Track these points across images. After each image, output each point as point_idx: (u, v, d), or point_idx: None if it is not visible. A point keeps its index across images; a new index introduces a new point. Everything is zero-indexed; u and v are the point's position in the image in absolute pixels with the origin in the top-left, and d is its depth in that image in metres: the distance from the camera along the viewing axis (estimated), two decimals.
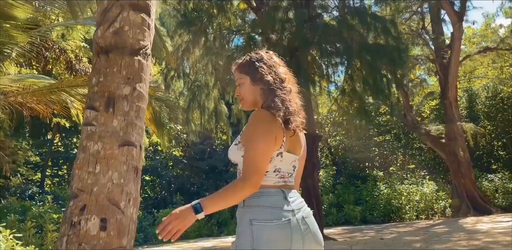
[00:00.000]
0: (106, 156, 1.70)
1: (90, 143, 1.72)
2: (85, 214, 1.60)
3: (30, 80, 8.25)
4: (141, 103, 1.86)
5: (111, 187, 1.66)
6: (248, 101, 1.71)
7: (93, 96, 1.80)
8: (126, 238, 1.65)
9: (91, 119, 1.76)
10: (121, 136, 1.75)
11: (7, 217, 11.55)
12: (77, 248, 1.54)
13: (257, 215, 1.54)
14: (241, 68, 1.72)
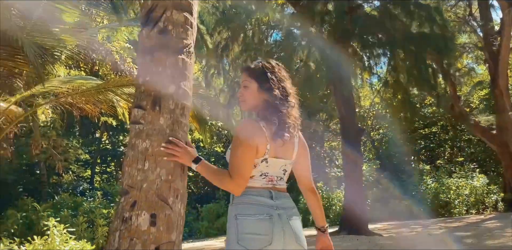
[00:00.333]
0: (154, 153, 1.74)
1: (138, 140, 1.77)
2: (136, 209, 1.64)
3: (79, 82, 8.61)
4: (185, 101, 1.89)
5: (160, 184, 1.70)
6: (248, 104, 1.85)
7: (140, 95, 1.85)
8: (175, 233, 1.69)
9: (138, 118, 1.81)
10: (168, 133, 1.78)
11: (60, 212, 12.17)
12: (129, 242, 1.59)
13: (241, 211, 1.69)
14: (252, 73, 1.84)
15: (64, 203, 13.20)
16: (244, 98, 1.84)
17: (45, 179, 15.66)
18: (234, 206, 1.73)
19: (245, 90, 1.83)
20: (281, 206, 1.76)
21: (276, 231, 1.66)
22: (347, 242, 7.57)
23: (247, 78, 1.84)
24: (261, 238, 1.64)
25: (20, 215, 11.93)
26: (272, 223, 1.66)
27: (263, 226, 1.65)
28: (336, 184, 15.50)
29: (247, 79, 1.84)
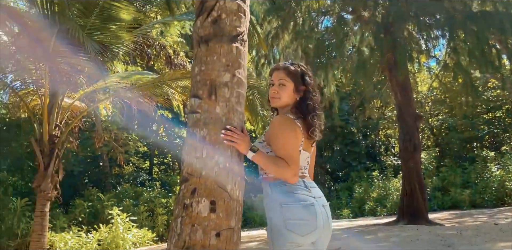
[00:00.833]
0: (211, 141, 1.77)
1: (196, 129, 1.80)
2: (196, 196, 1.68)
3: (136, 77, 8.94)
4: (240, 89, 1.89)
5: (218, 171, 1.73)
6: (282, 102, 1.98)
7: (196, 85, 1.87)
8: (234, 219, 1.71)
9: (195, 107, 1.84)
10: (224, 122, 1.80)
11: (123, 201, 12.78)
12: (191, 228, 1.63)
13: (285, 199, 1.81)
14: (289, 73, 1.99)
15: (126, 193, 13.86)
16: (280, 96, 1.97)
17: (108, 170, 16.50)
18: (276, 196, 1.84)
19: (281, 88, 1.97)
20: (317, 194, 1.92)
21: (319, 217, 1.82)
22: (406, 232, 7.36)
23: (285, 77, 1.98)
24: (308, 223, 1.78)
25: (87, 204, 12.67)
26: (315, 209, 1.82)
27: (308, 212, 1.80)
28: (392, 173, 15.07)
29: (284, 78, 1.97)
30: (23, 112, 11.38)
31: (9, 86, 8.47)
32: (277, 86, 1.98)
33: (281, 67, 2.02)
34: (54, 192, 7.62)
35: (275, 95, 1.98)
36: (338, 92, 12.81)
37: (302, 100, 1.97)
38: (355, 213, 14.29)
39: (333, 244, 6.88)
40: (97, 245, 10.51)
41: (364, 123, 17.92)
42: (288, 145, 1.84)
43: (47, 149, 7.54)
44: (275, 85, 1.99)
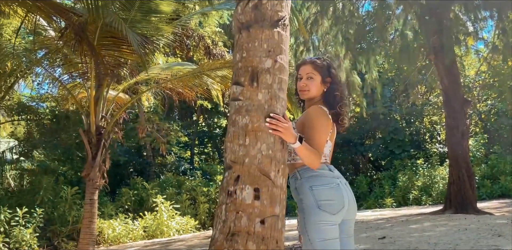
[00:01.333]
0: (254, 129, 1.75)
1: (239, 117, 1.79)
2: (240, 184, 1.68)
3: (176, 68, 9.08)
4: (282, 75, 1.86)
5: (261, 158, 1.71)
6: (311, 94, 2.11)
7: (238, 72, 1.86)
8: (278, 207, 1.70)
9: (237, 94, 1.83)
10: (266, 109, 1.78)
11: (166, 190, 13.13)
12: (235, 215, 1.64)
13: (314, 182, 1.96)
14: (316, 66, 2.12)
15: (169, 182, 14.22)
16: (309, 88, 2.10)
17: (151, 160, 16.98)
18: (305, 180, 1.98)
19: (310, 81, 2.10)
20: (339, 176, 2.08)
21: (345, 196, 1.99)
22: (453, 221, 7.14)
23: (312, 70, 2.11)
24: (337, 203, 1.96)
25: (132, 192, 13.11)
26: (340, 190, 1.99)
27: (336, 193, 1.98)
28: (438, 161, 14.60)
29: (311, 71, 2.10)
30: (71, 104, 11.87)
31: (58, 79, 8.83)
32: (306, 80, 2.11)
33: (308, 61, 2.16)
34: (102, 181, 7.93)
35: (305, 88, 2.11)
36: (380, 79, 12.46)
37: (329, 91, 2.12)
38: (399, 202, 14.00)
39: (377, 233, 6.77)
40: (143, 232, 10.88)
41: (408, 110, 17.41)
42: (321, 135, 2.00)
43: (95, 139, 7.83)
44: (304, 78, 2.12)
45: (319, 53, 10.56)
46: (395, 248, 5.30)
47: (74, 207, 10.81)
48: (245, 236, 1.58)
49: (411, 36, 9.20)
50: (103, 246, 10.15)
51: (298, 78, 2.15)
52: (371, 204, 14.73)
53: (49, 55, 8.80)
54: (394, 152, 17.23)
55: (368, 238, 6.42)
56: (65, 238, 10.32)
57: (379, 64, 16.41)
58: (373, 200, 14.98)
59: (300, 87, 2.13)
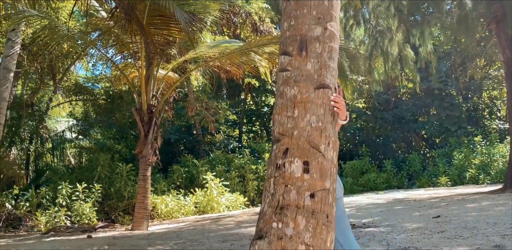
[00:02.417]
0: (303, 100, 1.68)
1: (287, 88, 1.72)
2: (288, 157, 1.63)
3: (223, 45, 9.06)
4: (333, 43, 1.76)
5: (310, 131, 1.65)
6: None
7: (286, 41, 1.78)
8: (328, 180, 1.63)
9: (285, 64, 1.76)
10: (316, 79, 1.70)
11: (216, 167, 13.39)
12: (284, 189, 1.60)
13: None
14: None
15: (218, 160, 14.48)
16: None
17: (201, 138, 17.33)
18: None
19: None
20: None
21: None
22: None
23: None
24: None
25: (183, 170, 13.50)
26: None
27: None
28: (497, 138, 13.82)
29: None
30: (123, 84, 12.25)
31: (110, 60, 9.10)
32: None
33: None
34: (154, 158, 8.20)
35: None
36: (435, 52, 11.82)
37: None
38: (454, 181, 13.49)
39: (431, 212, 6.56)
40: (194, 208, 11.22)
41: (465, 85, 16.50)
42: None
43: (146, 118, 8.07)
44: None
45: (370, 26, 10.12)
46: (451, 227, 5.11)
47: (129, 183, 11.30)
48: (294, 210, 1.54)
49: (470, 5, 8.57)
50: (156, 220, 10.58)
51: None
52: (424, 183, 14.31)
53: (102, 37, 9.06)
54: (449, 129, 16.52)
55: (422, 216, 6.24)
56: (121, 212, 10.86)
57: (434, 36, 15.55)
58: (427, 179, 14.55)
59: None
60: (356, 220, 6.41)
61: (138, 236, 6.60)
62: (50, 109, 17.72)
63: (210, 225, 7.76)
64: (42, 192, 11.72)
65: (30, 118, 14.75)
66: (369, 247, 4.37)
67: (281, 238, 1.50)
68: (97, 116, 16.65)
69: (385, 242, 4.60)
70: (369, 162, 16.47)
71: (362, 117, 19.59)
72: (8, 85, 8.85)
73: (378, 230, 5.43)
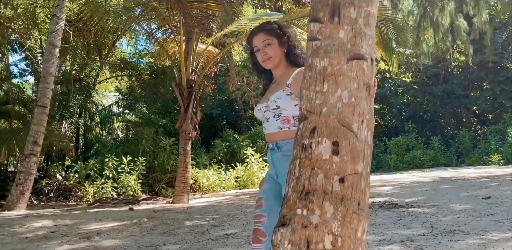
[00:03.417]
0: (333, 73, 1.49)
1: (316, 59, 1.54)
2: (316, 136, 1.46)
3: (263, 18, 8.78)
4: (370, 7, 1.54)
5: (341, 107, 1.46)
6: (275, 61, 2.03)
7: (316, 6, 1.58)
8: (361, 163, 1.46)
9: (315, 33, 1.56)
10: (349, 48, 1.49)
11: (256, 142, 13.38)
12: (310, 172, 1.44)
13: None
14: (268, 31, 2.05)
15: (259, 135, 14.43)
16: (270, 55, 2.01)
17: (243, 113, 17.33)
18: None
19: (269, 48, 2.02)
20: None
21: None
22: None
23: (267, 36, 2.03)
24: None
25: (225, 144, 13.60)
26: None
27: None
28: None
29: (267, 38, 2.02)
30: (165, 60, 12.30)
31: (152, 35, 9.09)
32: (264, 48, 2.03)
33: (257, 30, 2.07)
34: (194, 133, 8.23)
35: (266, 57, 2.03)
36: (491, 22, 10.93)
37: (290, 51, 2.06)
38: (507, 159, 12.77)
39: (480, 192, 6.22)
40: (235, 182, 11.32)
41: None
42: None
43: (186, 93, 8.05)
44: (261, 48, 2.04)
45: None
46: (503, 209, 4.79)
47: (171, 156, 11.53)
48: (321, 196, 1.39)
49: None
50: (198, 193, 10.78)
51: (256, 50, 2.08)
52: (474, 161, 13.67)
53: (144, 12, 9.05)
54: (504, 105, 15.53)
55: (470, 197, 5.91)
56: (164, 185, 11.15)
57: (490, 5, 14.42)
58: (477, 157, 13.88)
59: (261, 58, 2.05)
60: (398, 199, 6.18)
61: (178, 209, 6.72)
62: (98, 84, 18.28)
63: (249, 200, 7.77)
64: (90, 164, 12.21)
65: (78, 93, 15.26)
66: (411, 229, 4.17)
67: (305, 227, 1.36)
68: (142, 91, 17.02)
69: (429, 224, 4.37)
70: (416, 138, 15.90)
71: (409, 92, 18.81)
72: (54, 61, 9.07)
73: (422, 211, 5.19)
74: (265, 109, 2.06)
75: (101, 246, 4.12)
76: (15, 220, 6.13)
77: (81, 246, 4.19)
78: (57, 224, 5.65)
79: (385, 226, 4.41)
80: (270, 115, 2.03)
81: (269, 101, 2.02)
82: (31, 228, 5.41)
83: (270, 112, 2.03)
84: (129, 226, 5.23)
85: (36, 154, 8.49)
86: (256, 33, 2.08)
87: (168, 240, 4.13)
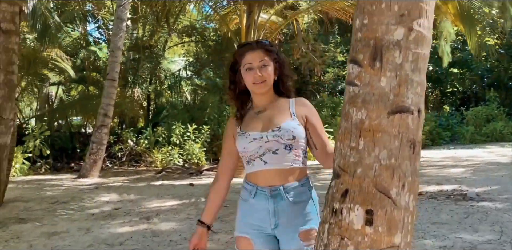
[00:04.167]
0: (371, 128, 1.29)
1: (353, 109, 1.34)
2: (347, 201, 1.30)
3: None
4: (420, 48, 1.29)
5: (378, 169, 1.28)
6: (268, 86, 1.75)
7: (357, 45, 1.35)
8: (399, 235, 1.29)
9: (353, 77, 1.35)
10: (391, 100, 1.28)
11: (322, 112, 13.09)
12: (339, 242, 1.30)
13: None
14: (268, 51, 1.75)
15: (324, 103, 14.10)
16: (265, 78, 1.72)
17: (308, 79, 16.98)
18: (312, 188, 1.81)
19: (265, 69, 1.72)
20: None
21: None
22: None
23: (265, 57, 1.73)
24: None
25: None
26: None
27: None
28: None
29: (265, 58, 1.73)
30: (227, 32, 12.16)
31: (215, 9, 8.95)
32: (261, 69, 1.71)
33: (255, 46, 1.75)
34: None
35: (261, 79, 1.71)
36: None
37: (282, 80, 1.79)
38: None
39: None
40: None
41: None
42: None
43: None
44: (256, 68, 1.71)
45: None
46: None
47: None
48: None
49: None
50: None
51: (246, 68, 1.71)
52: None
53: None
54: None
55: None
56: None
57: None
58: None
59: (254, 78, 1.70)
60: (468, 189, 5.76)
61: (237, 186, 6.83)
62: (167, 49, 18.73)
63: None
64: (159, 131, 12.77)
65: (148, 61, 15.76)
66: (477, 233, 3.86)
67: None
68: (208, 57, 17.20)
69: (499, 226, 4.01)
70: (497, 108, 14.66)
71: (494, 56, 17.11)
72: (122, 35, 9.30)
73: (494, 206, 4.79)
74: (271, 139, 1.68)
75: (158, 230, 4.32)
76: (86, 192, 6.63)
77: (139, 228, 4.42)
78: (122, 199, 6.02)
79: (449, 226, 4.14)
80: (280, 146, 1.68)
81: (281, 130, 1.68)
82: (98, 202, 5.82)
83: (280, 143, 1.68)
84: (187, 206, 5.42)
85: (107, 125, 8.99)
86: (253, 49, 1.74)
87: (221, 228, 4.21)
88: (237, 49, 1.81)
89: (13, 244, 4.02)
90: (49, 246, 3.93)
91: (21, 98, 14.72)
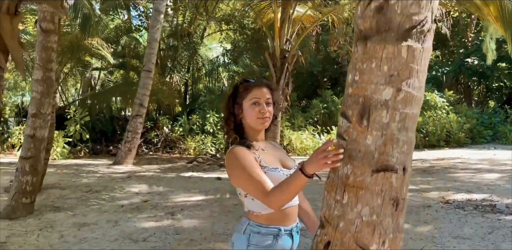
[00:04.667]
0: (355, 184, 1.33)
1: (340, 162, 1.37)
2: None
3: None
4: (408, 108, 1.30)
5: (360, 225, 1.31)
6: (269, 122, 1.78)
7: (347, 100, 1.37)
8: None
9: (343, 131, 1.38)
10: (376, 158, 1.30)
11: None
12: None
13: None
14: (272, 91, 1.80)
15: None
16: (269, 116, 1.76)
17: (346, 69, 16.67)
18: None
19: (269, 107, 1.77)
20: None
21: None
22: None
23: (270, 95, 1.79)
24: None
25: (322, 105, 13.40)
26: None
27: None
28: None
29: (270, 97, 1.78)
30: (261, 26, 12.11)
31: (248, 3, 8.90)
32: (266, 106, 1.75)
33: (261, 84, 1.78)
34: (285, 104, 8.19)
35: (266, 115, 1.74)
36: None
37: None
38: None
39: None
40: None
41: None
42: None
43: (279, 63, 7.91)
44: (263, 103, 1.74)
45: None
46: None
47: None
48: None
49: None
50: (292, 155, 10.97)
51: (252, 103, 1.72)
52: None
53: None
54: None
55: None
56: None
57: None
58: None
59: (261, 114, 1.72)
60: (499, 198, 5.58)
61: None
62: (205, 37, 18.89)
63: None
64: (194, 119, 13.01)
65: (186, 48, 15.97)
66: None
67: None
68: (246, 45, 17.24)
69: None
70: None
71: None
72: (159, 27, 9.48)
73: None
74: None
75: (180, 228, 4.49)
76: (118, 181, 6.94)
77: (163, 224, 4.62)
78: (151, 191, 6.27)
79: (470, 241, 4.05)
80: None
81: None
82: (128, 193, 6.09)
83: None
84: (211, 202, 5.58)
85: (142, 115, 9.28)
86: (260, 86, 1.76)
87: None
88: (242, 83, 1.79)
89: (46, 233, 4.32)
90: (78, 237, 4.19)
91: (65, 82, 15.38)
